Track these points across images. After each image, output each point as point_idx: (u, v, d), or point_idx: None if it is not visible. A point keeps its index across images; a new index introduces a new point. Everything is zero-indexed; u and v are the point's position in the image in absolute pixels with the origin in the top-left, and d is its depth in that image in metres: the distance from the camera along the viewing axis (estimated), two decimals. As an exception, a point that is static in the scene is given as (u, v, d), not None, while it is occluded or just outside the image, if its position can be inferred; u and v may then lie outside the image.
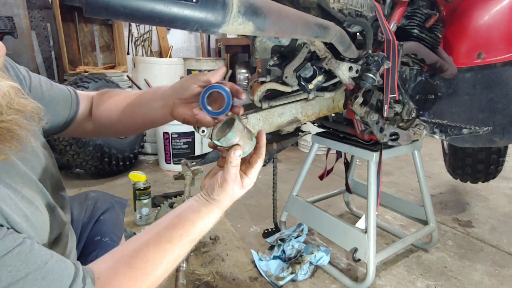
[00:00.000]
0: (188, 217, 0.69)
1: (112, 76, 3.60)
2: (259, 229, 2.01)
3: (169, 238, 0.66)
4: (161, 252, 0.64)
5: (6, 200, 0.55)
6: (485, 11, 1.48)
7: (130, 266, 0.61)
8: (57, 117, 0.85)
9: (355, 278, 1.60)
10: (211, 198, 0.71)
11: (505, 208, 2.38)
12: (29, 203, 0.61)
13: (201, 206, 0.71)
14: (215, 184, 0.70)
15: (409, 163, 2.97)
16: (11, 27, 2.97)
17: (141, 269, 0.62)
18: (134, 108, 0.88)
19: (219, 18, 0.62)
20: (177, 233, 0.67)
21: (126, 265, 0.61)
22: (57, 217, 0.71)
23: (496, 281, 1.62)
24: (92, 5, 0.50)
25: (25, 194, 0.61)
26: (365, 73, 1.15)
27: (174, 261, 0.67)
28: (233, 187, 0.69)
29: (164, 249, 0.65)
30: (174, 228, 0.67)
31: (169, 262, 0.65)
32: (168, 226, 0.68)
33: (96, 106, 0.92)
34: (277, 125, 1.16)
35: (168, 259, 0.65)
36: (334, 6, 1.07)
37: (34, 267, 0.52)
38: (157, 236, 0.66)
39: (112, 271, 0.60)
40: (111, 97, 0.92)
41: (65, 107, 0.86)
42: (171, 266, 0.66)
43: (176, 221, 0.68)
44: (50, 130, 0.86)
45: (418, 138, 1.40)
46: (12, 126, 0.56)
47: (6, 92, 0.55)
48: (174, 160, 3.02)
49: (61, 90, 0.86)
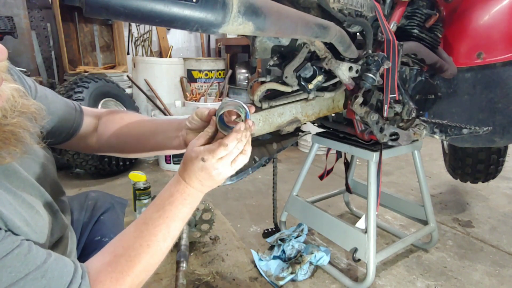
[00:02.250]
0: (160, 196, 0.70)
1: (112, 76, 3.60)
2: (259, 229, 2.01)
3: (143, 220, 0.67)
4: (138, 235, 0.65)
5: (5, 205, 0.55)
6: (485, 11, 1.48)
7: (114, 255, 0.62)
8: (59, 128, 0.85)
9: (355, 278, 1.60)
10: (179, 171, 0.71)
11: (505, 208, 2.38)
12: (29, 207, 0.61)
13: (171, 183, 0.71)
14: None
15: (409, 163, 2.97)
16: (11, 27, 2.97)
17: (124, 256, 0.62)
18: (148, 135, 0.90)
19: (219, 18, 0.62)
20: (152, 216, 0.67)
21: (110, 255, 0.63)
22: (59, 220, 0.71)
23: (496, 281, 1.62)
24: (92, 5, 0.50)
25: (25, 198, 0.61)
26: (365, 73, 1.15)
27: (158, 244, 0.66)
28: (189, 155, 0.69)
29: (140, 231, 0.65)
30: (149, 211, 0.68)
31: (150, 245, 0.64)
32: (145, 212, 0.69)
33: (104, 125, 0.93)
34: (277, 125, 1.16)
35: (147, 242, 0.64)
36: (334, 6, 1.07)
37: (33, 267, 0.52)
38: (135, 223, 0.67)
39: (100, 263, 0.62)
40: (122, 118, 0.93)
41: (69, 119, 0.87)
42: (156, 249, 0.65)
43: (152, 204, 0.70)
44: (52, 140, 0.86)
45: (418, 138, 1.40)
46: (16, 129, 0.57)
47: (10, 96, 0.56)
48: (174, 160, 3.02)
49: (66, 102, 0.88)
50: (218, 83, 4.22)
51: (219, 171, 0.68)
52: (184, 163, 0.70)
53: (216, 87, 4.21)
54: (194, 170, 0.68)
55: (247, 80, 4.34)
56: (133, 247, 0.63)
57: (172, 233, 0.68)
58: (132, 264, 0.62)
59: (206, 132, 0.72)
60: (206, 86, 4.11)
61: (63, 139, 0.89)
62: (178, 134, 0.85)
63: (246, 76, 4.36)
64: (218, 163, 0.68)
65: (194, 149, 0.69)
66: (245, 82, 4.32)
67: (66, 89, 2.62)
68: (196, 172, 0.68)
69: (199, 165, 0.67)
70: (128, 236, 0.65)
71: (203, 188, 0.71)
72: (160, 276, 1.46)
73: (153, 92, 3.60)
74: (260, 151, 1.18)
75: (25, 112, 0.59)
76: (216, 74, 4.19)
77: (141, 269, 0.63)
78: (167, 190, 0.70)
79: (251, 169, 1.13)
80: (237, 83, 4.37)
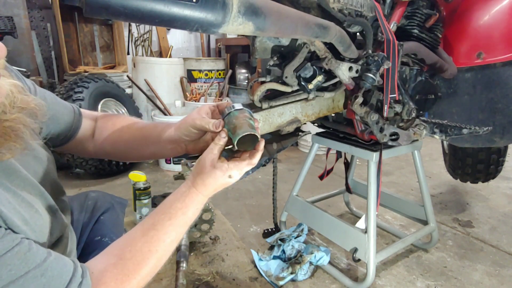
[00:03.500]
0: (172, 205, 0.70)
1: (112, 76, 3.60)
2: (259, 229, 2.01)
3: (153, 225, 0.67)
4: (148, 241, 0.65)
5: (4, 204, 0.55)
6: (485, 11, 1.48)
7: (120, 258, 0.63)
8: (58, 131, 0.85)
9: (355, 278, 1.60)
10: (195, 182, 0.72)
11: (505, 208, 2.38)
12: (29, 206, 0.61)
13: (185, 193, 0.72)
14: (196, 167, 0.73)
15: (409, 163, 2.97)
16: (11, 27, 2.97)
17: (131, 259, 0.63)
18: (142, 145, 0.91)
19: (219, 18, 0.62)
20: (163, 223, 0.68)
21: (116, 257, 0.63)
22: (58, 220, 0.71)
23: (496, 281, 1.62)
24: (92, 5, 0.50)
25: (24, 197, 0.61)
26: (365, 73, 1.15)
27: (165, 249, 0.67)
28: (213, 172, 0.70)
29: (150, 237, 0.66)
30: (159, 217, 0.69)
31: (159, 250, 0.66)
32: (153, 216, 0.69)
33: (100, 131, 0.93)
34: (277, 125, 1.16)
35: (156, 247, 0.65)
36: (334, 6, 1.07)
37: (33, 265, 0.52)
38: (142, 226, 0.68)
39: (105, 265, 0.62)
40: (114, 124, 0.93)
41: (67, 121, 0.87)
42: (163, 254, 0.67)
43: (161, 210, 0.70)
44: (50, 142, 0.86)
45: (418, 138, 1.40)
46: (16, 124, 0.57)
47: (9, 92, 0.56)
48: (174, 160, 3.01)
49: (65, 105, 0.88)
50: (218, 83, 4.22)
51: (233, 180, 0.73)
52: (202, 176, 0.70)
53: (216, 87, 4.21)
54: (216, 183, 0.71)
55: (247, 80, 4.34)
56: (141, 251, 0.64)
57: (179, 237, 0.71)
58: (139, 268, 0.63)
59: (219, 146, 0.72)
60: (206, 86, 4.11)
61: (61, 142, 0.88)
62: (173, 146, 0.86)
63: (246, 76, 4.36)
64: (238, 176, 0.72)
65: (218, 165, 0.70)
66: (245, 82, 4.32)
67: (66, 89, 2.62)
68: (216, 185, 0.71)
69: (224, 180, 0.71)
70: (136, 240, 0.65)
71: (211, 194, 0.74)
72: (160, 276, 1.46)
73: (153, 92, 3.60)
74: (260, 151, 1.18)
75: (24, 108, 0.59)
76: (216, 74, 4.18)
77: (146, 272, 0.64)
78: (179, 200, 0.70)
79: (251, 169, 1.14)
80: (237, 83, 4.37)
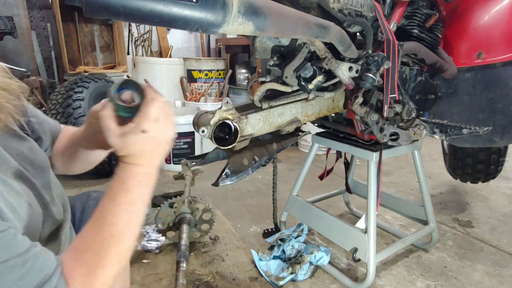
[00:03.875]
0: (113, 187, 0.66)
1: (112, 76, 3.59)
2: (259, 229, 2.01)
3: (99, 212, 0.64)
4: (98, 228, 0.62)
5: None
6: (485, 11, 1.48)
7: (77, 251, 0.61)
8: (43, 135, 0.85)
9: (355, 278, 1.60)
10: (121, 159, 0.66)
11: (505, 208, 2.38)
12: (18, 196, 0.61)
13: (119, 171, 0.67)
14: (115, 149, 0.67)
15: (409, 163, 2.97)
16: (11, 27, 2.97)
17: (89, 250, 0.61)
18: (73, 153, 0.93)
19: (219, 18, 0.62)
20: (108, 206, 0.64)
21: (74, 252, 0.61)
22: (49, 213, 0.72)
23: (496, 281, 1.62)
24: (92, 5, 0.50)
25: (14, 186, 0.61)
26: (365, 73, 1.15)
27: (121, 231, 0.63)
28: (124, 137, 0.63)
29: (99, 223, 0.63)
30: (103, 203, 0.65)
31: (114, 234, 0.62)
32: (99, 205, 0.65)
33: (56, 149, 0.93)
34: (277, 125, 1.16)
35: (110, 232, 0.62)
36: (334, 6, 1.07)
37: (15, 254, 0.52)
38: (92, 216, 0.64)
39: (66, 260, 0.60)
40: (59, 141, 0.93)
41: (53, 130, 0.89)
42: (121, 237, 0.63)
43: (104, 196, 0.66)
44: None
45: (418, 138, 1.40)
46: None
47: None
48: (174, 160, 3.02)
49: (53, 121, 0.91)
50: (218, 83, 4.22)
51: (163, 132, 0.65)
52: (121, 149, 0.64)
53: (216, 87, 4.21)
54: (138, 148, 0.63)
55: (247, 80, 4.34)
56: (95, 240, 0.61)
57: (135, 216, 0.65)
58: (99, 257, 0.60)
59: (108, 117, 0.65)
60: (206, 86, 4.11)
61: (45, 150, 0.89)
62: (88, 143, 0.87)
63: (246, 76, 4.36)
64: (158, 125, 0.64)
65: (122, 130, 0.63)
66: (245, 82, 4.32)
67: (66, 89, 2.62)
68: (141, 149, 0.64)
69: (141, 139, 0.62)
70: (88, 230, 0.63)
71: (154, 161, 0.67)
72: (160, 276, 1.46)
73: (153, 92, 3.59)
74: (260, 151, 1.18)
75: (6, 88, 0.61)
76: (216, 74, 4.19)
77: (111, 258, 0.61)
78: (118, 180, 0.65)
79: (251, 169, 1.14)
80: (237, 83, 4.37)
